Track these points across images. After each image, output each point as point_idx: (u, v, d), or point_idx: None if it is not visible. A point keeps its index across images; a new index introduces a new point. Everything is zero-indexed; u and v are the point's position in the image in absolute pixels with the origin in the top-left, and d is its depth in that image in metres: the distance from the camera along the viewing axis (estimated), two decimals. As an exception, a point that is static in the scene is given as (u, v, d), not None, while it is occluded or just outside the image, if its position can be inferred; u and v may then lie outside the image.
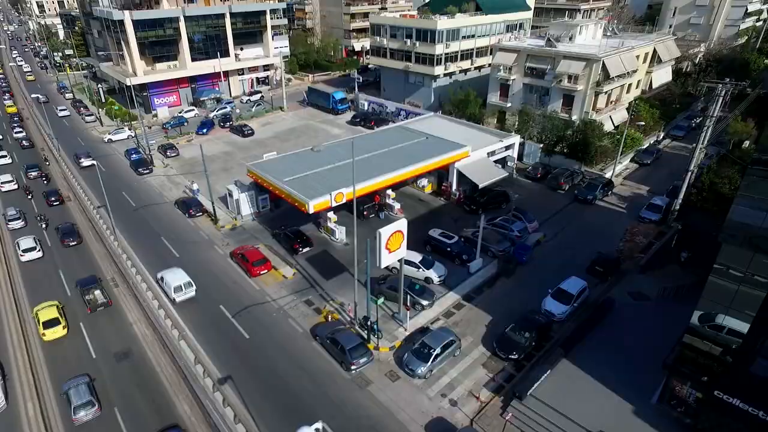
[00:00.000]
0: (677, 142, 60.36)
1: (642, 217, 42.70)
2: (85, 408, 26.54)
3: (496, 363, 28.64)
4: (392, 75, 73.27)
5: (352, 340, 28.59)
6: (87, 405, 26.68)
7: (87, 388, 27.56)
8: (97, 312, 33.92)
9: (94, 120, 71.08)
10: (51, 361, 30.51)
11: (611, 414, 24.47)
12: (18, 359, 30.70)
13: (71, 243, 41.55)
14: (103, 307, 34.42)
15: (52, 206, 48.30)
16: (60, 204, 48.76)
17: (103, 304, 34.51)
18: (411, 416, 25.48)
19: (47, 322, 32.11)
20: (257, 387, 27.40)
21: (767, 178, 21.21)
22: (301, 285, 35.65)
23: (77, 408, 26.42)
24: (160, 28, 69.90)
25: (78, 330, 32.73)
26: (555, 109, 54.57)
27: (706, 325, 22.41)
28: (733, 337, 21.57)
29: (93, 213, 45.01)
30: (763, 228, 19.64)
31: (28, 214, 46.62)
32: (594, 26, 61.51)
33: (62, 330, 32.32)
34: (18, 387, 28.71)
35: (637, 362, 27.22)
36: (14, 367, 30.02)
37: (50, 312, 32.71)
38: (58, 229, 43.00)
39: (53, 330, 32.01)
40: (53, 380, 29.02)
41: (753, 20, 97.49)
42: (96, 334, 32.38)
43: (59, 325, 32.27)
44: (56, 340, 31.91)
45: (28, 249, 39.91)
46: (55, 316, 32.55)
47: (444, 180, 46.95)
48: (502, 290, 34.83)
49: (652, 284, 34.26)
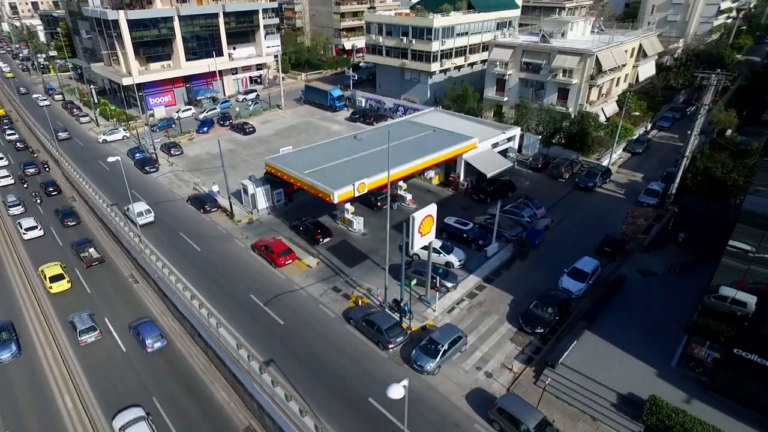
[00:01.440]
0: (664, 133, 63.53)
1: (641, 202, 45.18)
2: (88, 333, 32.34)
3: (522, 338, 30.33)
4: (388, 72, 74.72)
5: (388, 321, 29.89)
6: (90, 330, 32.51)
7: (89, 317, 33.57)
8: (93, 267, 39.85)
9: (89, 121, 70.39)
10: (58, 308, 35.95)
11: (636, 377, 26.33)
12: (29, 310, 36.05)
13: (70, 223, 45.69)
14: (98, 263, 40.23)
15: (50, 196, 52.00)
16: (58, 194, 52.18)
17: (98, 259, 40.29)
18: (450, 388, 26.94)
19: (53, 277, 37.45)
20: (300, 369, 28.43)
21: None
22: (326, 273, 36.74)
23: (82, 332, 32.18)
24: (155, 28, 69.75)
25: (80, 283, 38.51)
26: (551, 103, 56.87)
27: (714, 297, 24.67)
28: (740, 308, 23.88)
29: (106, 211, 44.97)
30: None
31: (26, 201, 50.23)
32: (584, 23, 64.18)
33: (67, 284, 37.59)
34: (31, 328, 34.08)
35: (655, 330, 29.23)
36: (27, 317, 35.27)
37: (55, 269, 38.19)
38: (58, 211, 46.99)
39: (59, 283, 37.34)
40: (62, 321, 34.50)
41: (724, 17, 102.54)
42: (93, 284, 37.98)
43: (64, 279, 37.64)
44: (62, 292, 37.21)
45: (30, 228, 44.14)
46: (60, 272, 38.01)
47: (452, 171, 48.59)
48: (518, 272, 36.62)
49: (656, 262, 36.53)
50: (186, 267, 37.69)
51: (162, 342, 32.13)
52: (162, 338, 32.29)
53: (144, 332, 31.99)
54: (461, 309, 32.77)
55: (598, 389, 25.97)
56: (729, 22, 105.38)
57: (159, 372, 30.35)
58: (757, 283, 24.35)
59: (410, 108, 65.84)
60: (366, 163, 41.70)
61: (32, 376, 30.35)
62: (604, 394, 25.78)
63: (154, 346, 31.67)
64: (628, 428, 24.29)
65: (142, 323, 32.97)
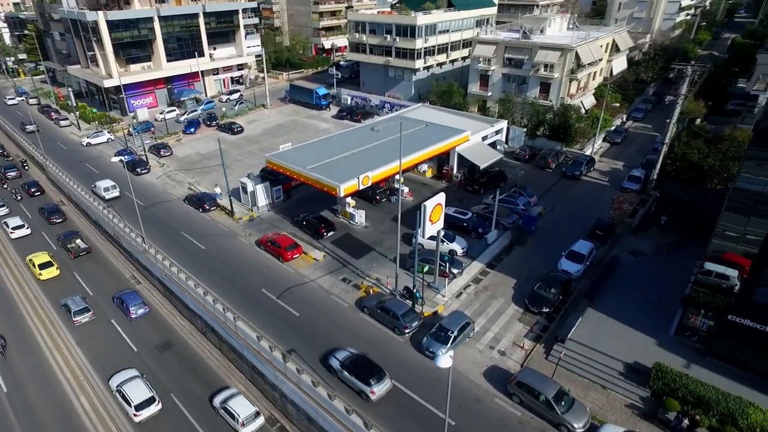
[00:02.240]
0: (638, 123, 66.77)
1: (624, 188, 47.68)
2: (81, 314, 34.33)
3: (529, 317, 31.95)
4: (372, 70, 75.72)
5: (402, 307, 31.01)
6: (83, 311, 34.48)
7: (81, 299, 35.46)
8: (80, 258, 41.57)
9: (69, 124, 68.81)
10: (50, 294, 37.68)
11: (638, 347, 28.24)
12: (23, 301, 37.63)
13: (57, 220, 46.69)
14: (85, 253, 41.78)
15: (33, 196, 52.36)
16: (41, 194, 52.60)
17: (85, 250, 41.88)
18: (468, 367, 28.28)
19: (42, 264, 39.12)
20: (319, 355, 29.21)
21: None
22: (334, 266, 37.57)
23: (76, 313, 34.20)
24: (135, 29, 68.74)
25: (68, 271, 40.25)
26: (534, 96, 59.08)
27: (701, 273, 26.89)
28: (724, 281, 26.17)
29: (102, 213, 44.48)
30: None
31: (8, 202, 50.89)
32: (561, 20, 66.76)
33: (56, 270, 39.33)
34: (27, 318, 35.69)
35: (650, 304, 31.29)
36: (21, 307, 36.95)
37: (43, 257, 39.84)
38: (43, 209, 47.84)
39: (48, 270, 38.98)
40: (55, 306, 36.36)
41: (685, 14, 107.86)
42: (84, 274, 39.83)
43: (52, 266, 39.29)
44: (51, 279, 38.91)
45: (17, 227, 44.89)
46: (48, 259, 39.64)
47: (445, 164, 50.05)
48: (518, 257, 38.32)
49: (644, 243, 38.85)
50: (192, 265, 37.82)
51: (144, 309, 35.19)
52: (144, 305, 35.29)
53: (127, 300, 35.15)
54: (468, 294, 34.19)
55: (605, 360, 27.77)
56: (689, 18, 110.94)
57: (172, 369, 30.89)
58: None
59: (396, 105, 67.08)
60: (365, 157, 42.67)
61: (31, 357, 32.36)
62: (611, 364, 27.59)
63: (138, 313, 34.78)
64: (636, 394, 26.13)
65: (126, 293, 36.04)
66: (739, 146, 43.07)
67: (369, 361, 27.61)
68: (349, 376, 26.97)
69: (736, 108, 66.40)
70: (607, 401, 26.06)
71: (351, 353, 28.31)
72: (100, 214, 44.59)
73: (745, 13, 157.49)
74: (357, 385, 26.64)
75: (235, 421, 26.68)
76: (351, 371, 26.97)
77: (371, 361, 27.62)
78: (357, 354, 28.26)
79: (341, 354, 28.30)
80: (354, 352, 28.43)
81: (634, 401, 25.95)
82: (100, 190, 48.38)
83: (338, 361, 27.79)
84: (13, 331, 34.26)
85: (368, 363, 27.43)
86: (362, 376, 26.49)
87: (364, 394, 26.32)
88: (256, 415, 27.25)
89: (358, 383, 26.54)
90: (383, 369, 27.06)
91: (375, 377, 26.38)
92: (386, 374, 26.91)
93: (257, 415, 27.31)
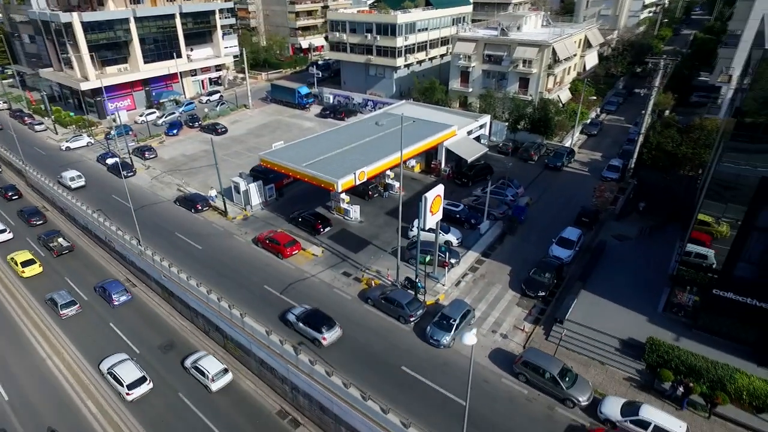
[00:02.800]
0: (611, 115, 69.60)
1: (604, 177, 49.89)
2: (68, 306, 35.07)
3: (527, 301, 33.38)
4: (353, 68, 76.36)
5: (406, 297, 31.96)
6: (70, 304, 35.21)
7: (67, 293, 36.09)
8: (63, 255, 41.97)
9: (45, 129, 66.99)
10: (34, 291, 38.18)
11: (631, 324, 29.94)
12: (8, 299, 37.88)
13: (38, 222, 46.49)
14: (68, 251, 42.18)
15: (11, 200, 52.02)
16: (18, 198, 52.22)
17: (67, 248, 42.21)
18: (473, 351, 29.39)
19: (24, 262, 39.42)
20: (331, 348, 29.83)
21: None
22: (333, 260, 38.21)
23: (63, 306, 34.91)
24: (111, 30, 67.46)
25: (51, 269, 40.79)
26: (514, 92, 60.91)
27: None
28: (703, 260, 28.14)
29: (91, 218, 43.81)
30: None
31: None
32: (535, 17, 68.91)
33: (38, 267, 39.70)
34: (15, 317, 35.95)
35: (638, 284, 33.12)
36: (8, 305, 37.27)
37: (25, 255, 40.07)
38: (23, 212, 47.57)
39: (31, 268, 39.36)
40: (41, 302, 37.03)
41: (648, 12, 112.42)
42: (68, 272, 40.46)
43: (35, 264, 39.66)
44: (35, 277, 39.33)
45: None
46: (30, 257, 39.96)
47: (433, 159, 51.23)
48: (510, 245, 39.79)
49: (627, 228, 40.89)
50: (191, 265, 37.82)
51: (127, 296, 36.40)
52: (126, 293, 36.55)
53: (109, 288, 36.24)
54: (467, 282, 35.42)
55: (601, 338, 29.38)
56: (651, 16, 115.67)
57: (175, 371, 30.95)
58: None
59: (379, 102, 67.94)
60: (357, 153, 43.42)
61: (19, 348, 33.18)
62: (608, 341, 29.22)
63: (120, 300, 36.01)
64: (633, 367, 27.81)
65: (107, 282, 37.27)
66: (709, 135, 45.78)
67: (321, 313, 30.95)
68: (303, 326, 30.32)
69: (700, 100, 70.01)
70: (607, 376, 27.64)
71: (305, 308, 31.57)
72: (89, 218, 43.91)
73: (700, 11, 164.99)
74: (311, 333, 30.00)
75: (206, 378, 29.27)
76: (305, 322, 30.37)
77: (323, 313, 30.98)
78: (310, 308, 31.59)
79: (297, 310, 31.68)
80: (308, 307, 31.70)
81: (631, 374, 27.61)
82: (66, 180, 50.61)
83: (294, 315, 31.16)
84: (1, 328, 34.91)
85: (320, 315, 30.81)
86: (315, 325, 29.95)
87: (317, 341, 29.77)
88: (224, 371, 29.90)
89: (311, 332, 29.94)
90: (333, 319, 30.59)
91: (326, 326, 29.88)
92: (336, 324, 30.39)
93: (225, 372, 29.96)
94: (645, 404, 24.42)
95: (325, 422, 27.58)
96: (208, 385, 29.17)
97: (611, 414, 24.52)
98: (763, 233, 26.26)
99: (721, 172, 26.87)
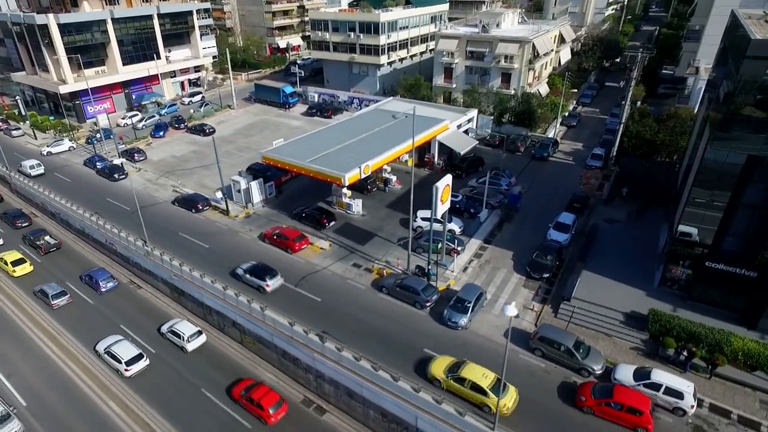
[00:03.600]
0: (587, 108, 72.81)
1: (588, 165, 52.49)
2: (59, 297, 36.22)
3: (532, 283, 35.22)
4: (336, 67, 77.08)
5: (421, 283, 33.26)
6: (60, 295, 36.34)
7: (57, 284, 37.25)
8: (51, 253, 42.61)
9: (23, 134, 64.91)
10: (27, 290, 38.63)
11: (631, 299, 32.12)
12: (4, 300, 38.27)
13: (23, 224, 46.54)
14: (55, 249, 42.85)
15: None
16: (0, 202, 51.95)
17: (55, 245, 42.81)
18: (489, 331, 31.02)
19: (15, 261, 39.90)
20: (352, 335, 30.81)
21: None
22: (341, 253, 39.11)
23: (54, 296, 36.02)
24: (88, 32, 65.98)
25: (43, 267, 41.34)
26: (498, 87, 63.08)
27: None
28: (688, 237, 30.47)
29: (90, 221, 43.16)
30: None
31: None
32: (512, 15, 71.38)
33: (29, 266, 40.32)
34: (13, 317, 36.45)
35: (633, 262, 35.35)
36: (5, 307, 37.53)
37: (15, 254, 40.56)
38: (7, 214, 47.53)
39: (22, 267, 39.90)
40: (36, 300, 37.73)
41: (612, 9, 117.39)
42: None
43: (26, 263, 40.21)
44: (25, 275, 39.87)
45: None
46: (20, 256, 40.40)
47: (426, 153, 52.68)
48: (509, 232, 41.66)
49: (615, 212, 43.43)
50: (200, 263, 37.89)
51: (113, 282, 37.92)
52: (113, 279, 38.10)
53: (96, 276, 37.69)
54: (474, 267, 37.00)
55: (606, 312, 31.43)
56: (614, 13, 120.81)
57: (199, 366, 31.49)
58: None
59: (365, 100, 68.95)
60: (356, 149, 44.41)
61: (20, 344, 34.05)
62: (612, 315, 31.29)
63: (107, 286, 37.52)
64: (637, 337, 29.95)
65: (93, 270, 38.72)
66: (684, 122, 48.98)
67: (265, 265, 35.91)
68: (250, 277, 35.26)
69: (666, 91, 74.12)
70: (614, 346, 29.67)
71: (252, 263, 36.35)
72: (87, 222, 43.27)
73: (656, 8, 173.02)
74: (256, 282, 34.88)
75: (181, 339, 32.11)
76: (251, 273, 35.30)
77: (267, 265, 35.93)
78: (256, 262, 36.41)
79: (244, 265, 36.47)
80: (254, 262, 36.41)
81: (636, 344, 29.72)
82: (26, 169, 52.76)
83: (242, 270, 36.10)
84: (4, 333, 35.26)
85: (264, 266, 35.76)
86: (260, 275, 34.83)
87: (262, 288, 34.62)
88: (198, 333, 32.88)
89: (256, 281, 34.88)
90: (276, 270, 35.49)
91: (269, 275, 34.77)
92: (278, 273, 35.32)
93: (200, 333, 32.96)
94: (655, 369, 26.49)
95: (352, 407, 28.52)
96: (184, 346, 31.97)
97: (624, 379, 26.46)
98: (747, 209, 28.84)
99: (709, 159, 29.16)
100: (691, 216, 30.52)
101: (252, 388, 28.69)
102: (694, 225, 30.75)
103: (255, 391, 28.23)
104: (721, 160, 28.65)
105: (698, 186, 29.90)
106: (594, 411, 25.25)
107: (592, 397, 25.44)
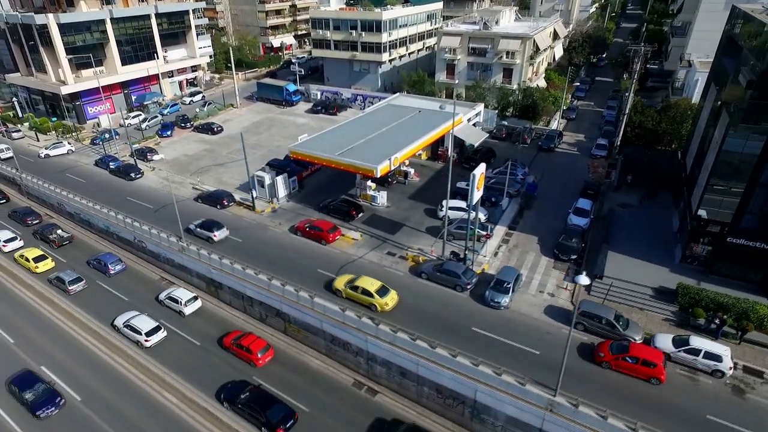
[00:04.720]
0: (582, 101, 75.58)
1: (594, 155, 54.84)
2: (75, 283, 37.89)
3: (561, 264, 36.99)
4: (336, 65, 77.85)
5: (460, 267, 34.62)
6: (77, 281, 38.05)
7: (72, 271, 38.78)
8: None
9: (23, 136, 63.58)
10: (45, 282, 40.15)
11: (656, 275, 34.25)
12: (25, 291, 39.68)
13: (34, 222, 47.20)
14: (68, 242, 44.13)
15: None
16: (6, 201, 52.29)
17: (68, 238, 44.15)
18: (529, 309, 32.58)
19: (36, 257, 40.89)
20: (400, 319, 31.91)
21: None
22: (374, 243, 40.15)
23: (70, 282, 37.69)
24: (87, 32, 65.11)
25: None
26: (499, 82, 65.02)
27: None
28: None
29: (116, 219, 43.05)
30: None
31: None
32: (509, 12, 73.57)
33: (51, 263, 41.15)
34: (31, 303, 38.16)
35: (652, 242, 37.59)
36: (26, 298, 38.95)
37: (35, 251, 41.53)
38: (17, 212, 48.23)
39: (44, 263, 40.83)
40: (59, 291, 39.05)
41: (595, 7, 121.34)
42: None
43: (48, 259, 41.21)
44: (47, 271, 40.74)
45: (8, 239, 44.16)
46: (41, 253, 41.48)
47: (439, 146, 54.12)
48: (531, 218, 43.43)
49: (626, 197, 45.72)
50: (237, 257, 38.31)
51: (121, 265, 40.06)
52: (120, 262, 40.18)
53: (105, 259, 39.81)
54: (504, 252, 38.59)
55: (636, 288, 33.40)
56: (596, 11, 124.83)
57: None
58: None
59: (368, 96, 69.99)
60: (379, 142, 45.40)
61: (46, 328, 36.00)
62: (641, 290, 33.29)
63: (116, 269, 39.65)
64: (668, 309, 31.97)
65: (101, 255, 40.84)
66: (684, 112, 51.79)
67: (213, 220, 41.70)
68: (200, 230, 41.25)
69: (655, 84, 77.53)
70: (648, 319, 31.62)
71: (203, 220, 41.80)
72: (112, 220, 43.14)
73: (633, 6, 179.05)
74: (204, 233, 40.89)
75: (179, 304, 35.30)
76: (201, 227, 41.28)
77: (215, 220, 41.71)
78: (206, 219, 42.08)
79: (196, 221, 41.87)
80: (204, 220, 41.87)
81: (667, 316, 31.73)
82: None
83: (194, 225, 41.60)
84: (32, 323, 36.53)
85: (212, 221, 41.63)
86: (208, 227, 41.03)
87: (210, 238, 40.49)
88: (194, 298, 36.05)
89: (205, 232, 40.95)
90: (222, 223, 41.50)
91: (216, 227, 40.89)
92: (224, 226, 41.31)
93: (195, 299, 36.13)
94: (693, 335, 28.50)
95: (405, 386, 29.66)
96: (182, 310, 35.20)
97: (664, 347, 28.36)
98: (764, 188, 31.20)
99: (728, 149, 31.25)
100: (709, 201, 32.76)
101: (241, 337, 32.18)
102: (713, 208, 33.04)
103: (244, 339, 31.80)
104: (738, 150, 30.92)
105: (716, 175, 32.14)
106: (612, 365, 27.64)
107: (610, 353, 27.69)
